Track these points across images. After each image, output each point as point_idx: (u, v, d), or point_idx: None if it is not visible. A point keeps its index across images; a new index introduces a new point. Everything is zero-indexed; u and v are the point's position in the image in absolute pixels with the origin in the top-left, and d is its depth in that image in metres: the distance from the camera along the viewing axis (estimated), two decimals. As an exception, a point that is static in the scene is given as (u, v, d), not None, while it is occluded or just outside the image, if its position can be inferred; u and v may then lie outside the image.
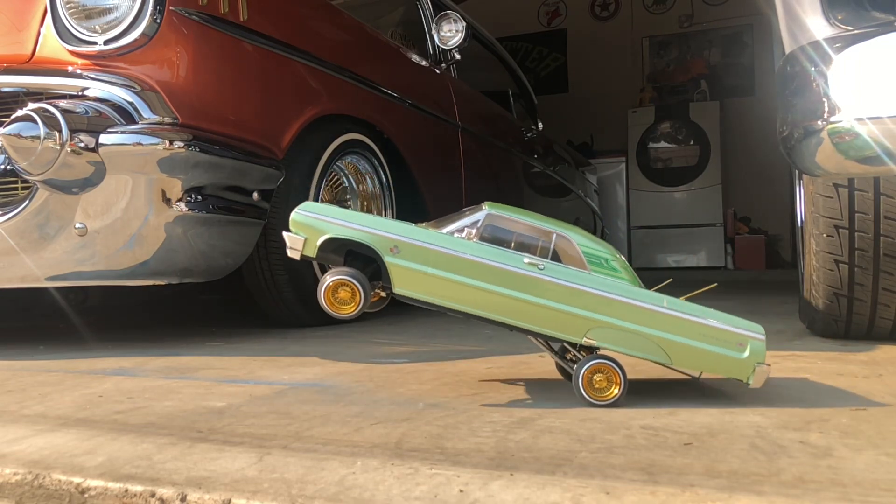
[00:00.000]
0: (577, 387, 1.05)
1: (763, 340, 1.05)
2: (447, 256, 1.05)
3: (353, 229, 1.07)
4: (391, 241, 1.06)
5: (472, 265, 1.05)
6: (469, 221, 1.09)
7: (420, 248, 1.06)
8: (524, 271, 1.05)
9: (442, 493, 0.70)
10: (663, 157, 7.05)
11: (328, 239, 1.07)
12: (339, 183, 2.44)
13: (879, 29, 1.18)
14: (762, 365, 1.04)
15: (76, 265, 1.71)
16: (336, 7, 2.50)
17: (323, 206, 1.11)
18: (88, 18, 1.72)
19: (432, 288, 1.06)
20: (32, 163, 1.58)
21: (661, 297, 1.06)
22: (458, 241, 1.07)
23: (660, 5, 7.90)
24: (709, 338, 1.04)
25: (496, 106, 3.82)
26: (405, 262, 1.06)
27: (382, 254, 1.06)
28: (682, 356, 1.04)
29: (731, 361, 1.04)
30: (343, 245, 1.09)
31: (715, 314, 1.06)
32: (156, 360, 1.66)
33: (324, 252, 1.09)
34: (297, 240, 1.08)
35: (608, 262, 1.08)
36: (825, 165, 1.25)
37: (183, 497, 0.72)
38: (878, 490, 0.68)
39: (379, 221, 1.09)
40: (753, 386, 1.04)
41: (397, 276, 1.06)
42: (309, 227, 1.08)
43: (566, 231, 1.09)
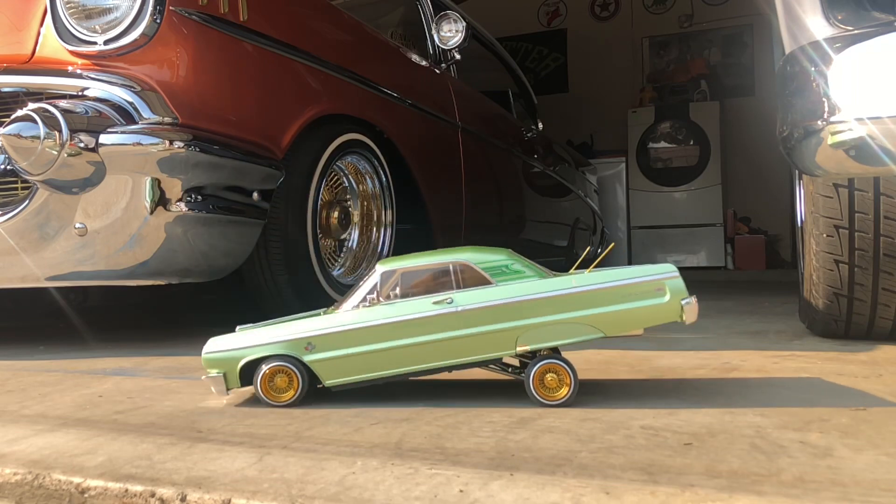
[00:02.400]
0: (528, 388, 1.06)
1: (678, 276, 1.06)
2: (359, 331, 1.07)
3: (262, 346, 1.10)
4: (302, 340, 1.09)
5: (385, 329, 1.07)
6: (368, 288, 1.10)
7: (331, 335, 1.08)
8: (436, 311, 1.06)
9: (442, 493, 0.70)
10: (663, 157, 7.05)
11: (245, 365, 1.10)
12: (339, 183, 2.44)
13: (879, 29, 1.18)
14: (687, 300, 1.05)
15: (76, 265, 1.71)
16: (336, 7, 2.50)
17: (226, 338, 1.13)
18: (88, 18, 1.72)
19: (359, 366, 1.08)
20: (32, 163, 1.58)
21: (568, 279, 1.07)
22: (363, 313, 1.08)
23: (660, 5, 7.90)
24: (627, 296, 1.05)
25: (496, 106, 3.82)
26: (323, 354, 1.08)
27: (300, 356, 1.08)
28: (612, 324, 1.05)
29: (658, 308, 1.05)
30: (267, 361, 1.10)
31: (622, 271, 1.07)
32: (156, 360, 1.66)
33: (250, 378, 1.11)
34: (218, 379, 1.11)
35: (509, 267, 1.09)
36: (825, 165, 1.25)
37: (183, 497, 0.72)
38: (878, 490, 0.68)
39: (285, 327, 1.11)
40: (688, 321, 1.05)
41: (322, 371, 1.09)
42: (221, 362, 1.11)
43: (459, 256, 1.10)
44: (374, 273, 1.11)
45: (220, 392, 1.11)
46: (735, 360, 1.49)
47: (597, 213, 5.89)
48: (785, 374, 1.30)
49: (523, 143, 4.05)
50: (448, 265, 1.09)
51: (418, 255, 1.13)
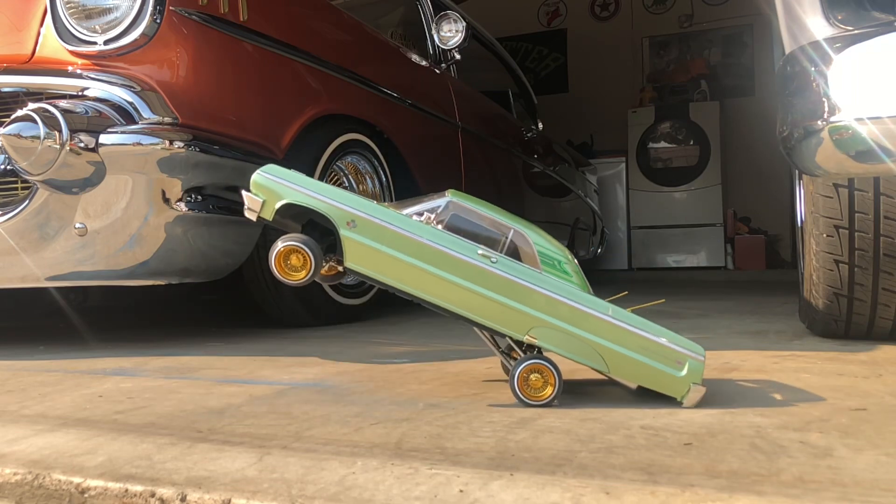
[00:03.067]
0: (512, 385, 1.05)
1: (702, 361, 1.05)
2: (402, 237, 1.05)
3: (311, 197, 1.06)
4: (349, 214, 1.06)
5: (425, 249, 1.05)
6: (430, 206, 1.09)
7: (376, 226, 1.06)
8: (476, 262, 1.05)
9: (442, 493, 0.70)
10: (663, 157, 7.05)
11: (286, 204, 1.07)
12: (340, 183, 2.44)
13: (879, 29, 1.18)
14: (697, 385, 1.04)
15: (76, 265, 1.71)
16: (336, 7, 2.50)
17: (287, 171, 1.09)
18: (88, 18, 1.72)
19: (384, 267, 1.06)
20: (32, 163, 1.58)
21: (606, 306, 1.06)
22: (415, 224, 1.07)
23: (660, 5, 7.89)
24: (648, 351, 1.04)
25: (496, 106, 3.82)
26: (360, 237, 1.05)
27: (338, 226, 1.05)
28: (619, 366, 1.05)
29: (668, 378, 1.04)
30: (301, 213, 1.08)
31: (658, 329, 1.06)
32: (156, 360, 1.66)
33: (282, 217, 1.08)
34: (256, 201, 1.07)
35: (561, 264, 1.09)
36: (825, 165, 1.25)
37: (183, 497, 0.72)
38: (878, 490, 0.68)
39: (339, 194, 1.08)
40: (686, 406, 1.04)
41: (350, 251, 1.05)
42: (268, 190, 1.07)
43: (524, 228, 1.09)
44: (444, 197, 1.10)
45: (250, 213, 1.07)
46: (735, 360, 1.49)
47: (597, 213, 5.89)
48: (785, 374, 1.30)
49: (523, 143, 4.05)
50: (510, 229, 1.09)
51: (489, 206, 1.12)
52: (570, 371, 1.37)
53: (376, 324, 2.40)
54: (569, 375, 1.33)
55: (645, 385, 1.06)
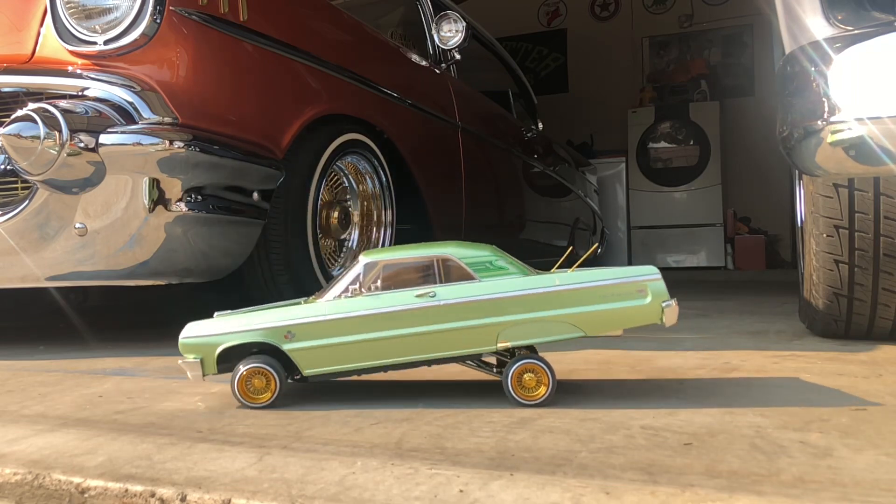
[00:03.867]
0: (506, 385, 1.06)
1: (660, 279, 1.06)
2: (340, 321, 1.07)
3: (241, 332, 1.09)
4: (282, 328, 1.08)
5: (367, 320, 1.06)
6: (350, 279, 1.10)
7: (311, 325, 1.07)
8: (418, 304, 1.06)
9: (442, 493, 0.70)
10: (663, 157, 7.05)
11: (223, 351, 1.09)
12: (339, 183, 2.44)
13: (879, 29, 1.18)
14: (668, 303, 1.05)
15: (76, 265, 1.71)
16: (336, 7, 2.50)
17: (205, 323, 1.12)
18: (88, 18, 1.72)
19: (339, 357, 1.07)
20: (32, 163, 1.58)
21: (552, 277, 1.07)
22: (344, 303, 1.08)
23: (660, 5, 7.89)
24: (609, 297, 1.05)
25: (496, 106, 3.82)
26: (303, 343, 1.07)
27: (279, 344, 1.07)
28: (593, 323, 1.06)
29: (639, 310, 1.05)
30: (244, 349, 1.10)
31: (605, 272, 1.07)
32: (156, 360, 1.66)
33: (226, 363, 1.10)
34: (194, 364, 1.10)
35: (493, 263, 1.09)
36: (825, 165, 1.25)
37: (183, 497, 0.72)
38: (878, 490, 0.68)
39: (265, 314, 1.10)
40: (668, 323, 1.05)
41: (301, 360, 1.08)
42: (198, 348, 1.10)
43: (444, 250, 1.10)
44: (358, 264, 1.10)
45: (195, 377, 1.10)
46: (735, 360, 1.49)
47: (597, 213, 5.89)
48: (785, 374, 1.30)
49: (523, 143, 4.05)
50: (432, 259, 1.09)
51: (402, 248, 1.13)
52: (568, 371, 1.37)
53: (376, 324, 2.40)
54: (568, 375, 1.33)
55: (624, 326, 1.07)
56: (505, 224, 3.75)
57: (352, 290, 1.08)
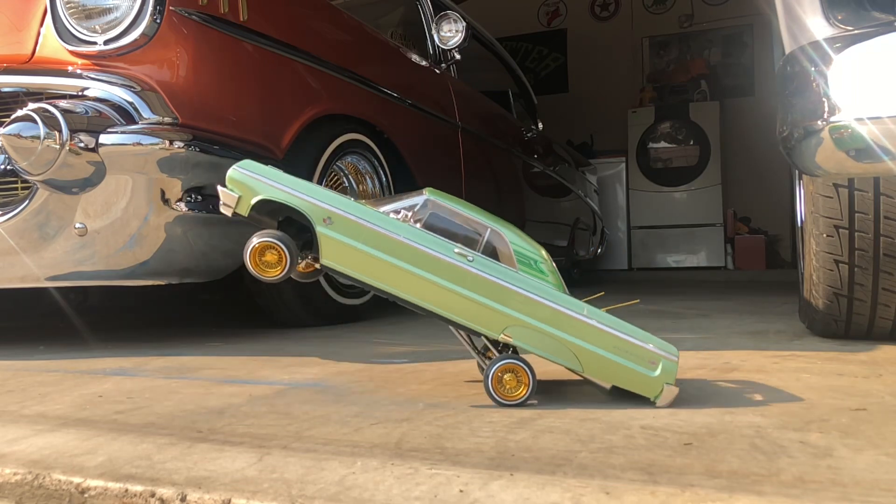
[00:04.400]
0: (486, 385, 1.05)
1: (675, 362, 1.05)
2: (378, 235, 1.05)
3: (287, 193, 1.06)
4: (325, 211, 1.05)
5: (401, 247, 1.05)
6: (407, 204, 1.09)
7: (352, 223, 1.05)
8: (452, 260, 1.05)
9: (442, 493, 0.70)
10: (663, 157, 7.05)
11: (262, 200, 1.06)
12: (340, 183, 2.44)
13: (879, 29, 1.18)
14: (671, 385, 1.04)
15: (76, 265, 1.71)
16: (336, 7, 2.50)
17: (264, 167, 1.09)
18: (88, 18, 1.72)
19: (360, 264, 1.05)
20: (32, 163, 1.58)
21: (581, 305, 1.06)
22: (392, 221, 1.06)
23: (660, 5, 7.90)
24: (622, 351, 1.04)
25: (496, 106, 3.82)
26: (336, 234, 1.05)
27: (314, 223, 1.05)
28: (593, 365, 1.05)
29: (641, 378, 1.04)
30: (278, 210, 1.08)
31: (631, 329, 1.06)
32: (156, 360, 1.66)
33: (258, 213, 1.08)
34: (231, 196, 1.07)
35: (537, 263, 1.09)
36: (825, 165, 1.25)
37: (183, 497, 0.72)
38: (878, 490, 0.68)
39: (316, 190, 1.08)
40: (659, 405, 1.04)
41: (326, 248, 1.05)
42: (244, 186, 1.07)
43: (501, 227, 1.10)
44: (421, 196, 1.10)
45: (225, 209, 1.07)
46: (735, 360, 1.49)
47: (597, 213, 5.89)
48: (785, 374, 1.30)
49: (523, 143, 4.05)
50: (487, 228, 1.09)
51: (467, 205, 1.12)
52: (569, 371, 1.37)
53: (376, 324, 2.40)
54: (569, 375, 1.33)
55: (618, 385, 1.06)
56: (505, 224, 3.75)
57: (403, 214, 1.08)
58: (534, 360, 1.06)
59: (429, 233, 1.07)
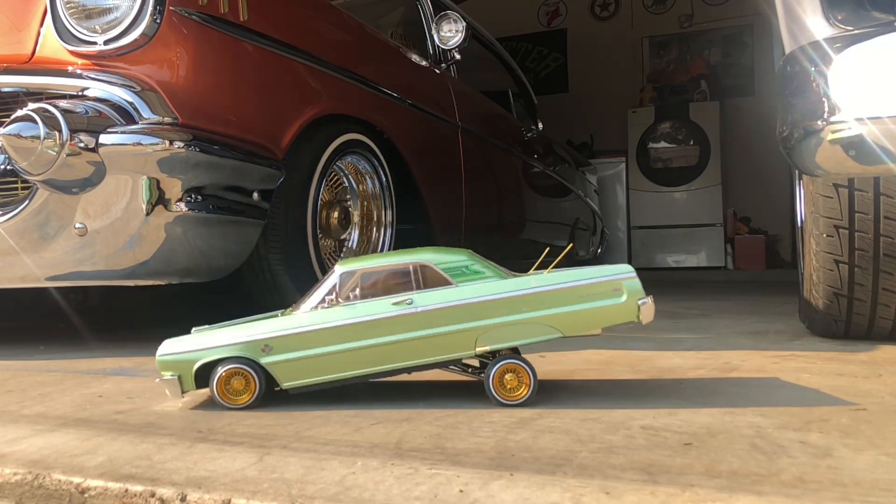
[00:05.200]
0: (487, 386, 1.06)
1: (635, 277, 1.06)
2: (317, 332, 1.06)
3: (218, 348, 1.08)
4: (259, 342, 1.07)
5: (344, 330, 1.06)
6: (327, 289, 1.10)
7: (289, 337, 1.07)
8: (396, 312, 1.06)
9: (442, 493, 0.70)
10: (663, 157, 7.05)
11: (201, 367, 1.08)
12: (339, 183, 2.44)
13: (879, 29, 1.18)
14: (644, 300, 1.05)
15: (76, 265, 1.71)
16: (336, 7, 2.50)
17: (181, 340, 1.11)
18: (88, 18, 1.72)
19: (317, 368, 1.07)
20: (32, 163, 1.58)
21: (527, 279, 1.07)
22: (321, 314, 1.07)
23: (660, 5, 7.90)
24: (585, 297, 1.05)
25: (496, 106, 3.82)
26: (281, 356, 1.07)
27: (257, 358, 1.07)
28: (570, 323, 1.06)
29: (616, 309, 1.05)
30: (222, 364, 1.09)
31: (580, 272, 1.07)
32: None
33: (205, 380, 1.10)
34: (172, 381, 1.09)
35: (469, 267, 1.09)
36: (825, 165, 1.25)
37: (183, 497, 0.72)
38: (878, 490, 0.68)
39: (241, 329, 1.09)
40: (644, 321, 1.05)
41: (280, 373, 1.08)
42: (176, 365, 1.09)
43: (419, 256, 1.10)
44: (333, 274, 1.10)
45: (174, 395, 1.10)
46: (735, 360, 1.49)
47: (597, 213, 5.89)
48: (785, 374, 1.30)
49: (523, 143, 4.05)
50: (408, 266, 1.09)
51: (378, 256, 1.13)
52: (569, 371, 1.37)
53: (376, 324, 2.40)
54: (568, 375, 1.33)
55: (602, 325, 1.07)
56: (505, 224, 3.75)
57: (328, 301, 1.08)
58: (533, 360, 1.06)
59: (359, 302, 1.07)
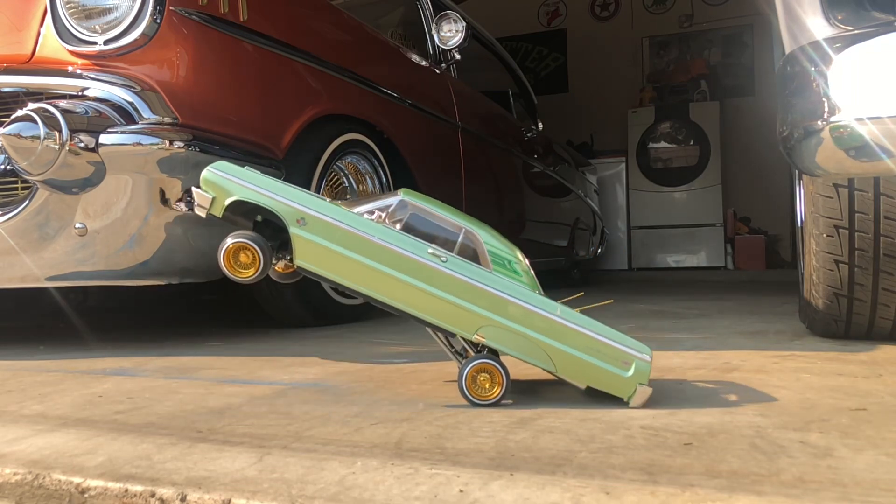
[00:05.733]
0: (460, 385, 1.06)
1: (648, 362, 1.05)
2: (352, 235, 1.05)
3: (260, 194, 1.06)
4: (298, 212, 1.05)
5: (375, 248, 1.05)
6: (381, 204, 1.09)
7: (326, 224, 1.05)
8: (426, 261, 1.05)
9: (442, 493, 0.70)
10: (663, 157, 7.05)
11: (236, 201, 1.06)
12: (340, 183, 2.44)
13: (879, 29, 1.18)
14: (644, 386, 1.04)
15: (76, 265, 1.71)
16: (336, 7, 2.50)
17: (238, 168, 1.09)
18: (88, 18, 1.72)
19: (334, 265, 1.06)
20: (32, 163, 1.58)
21: (555, 306, 1.06)
22: (366, 222, 1.06)
23: (660, 5, 7.90)
24: (595, 351, 1.04)
25: (496, 106, 3.82)
26: (310, 235, 1.05)
27: (288, 224, 1.05)
28: (567, 366, 1.05)
29: (615, 378, 1.04)
30: (252, 211, 1.08)
31: (604, 329, 1.06)
32: (156, 360, 1.66)
33: (232, 214, 1.08)
34: (206, 197, 1.07)
35: (511, 263, 1.09)
36: (825, 165, 1.25)
37: (183, 497, 0.72)
38: (878, 490, 0.68)
39: (290, 191, 1.08)
40: (632, 405, 1.04)
41: (300, 249, 1.05)
42: (218, 187, 1.07)
43: (475, 228, 1.10)
44: (395, 196, 1.10)
45: (199, 212, 1.08)
46: (735, 360, 1.49)
47: (597, 213, 5.89)
48: (785, 374, 1.30)
49: (523, 143, 4.05)
50: (461, 228, 1.09)
51: (441, 205, 1.12)
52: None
53: (376, 324, 2.40)
54: (569, 375, 1.32)
55: (592, 385, 1.06)
56: (505, 224, 3.75)
57: (378, 215, 1.08)
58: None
59: (402, 233, 1.07)
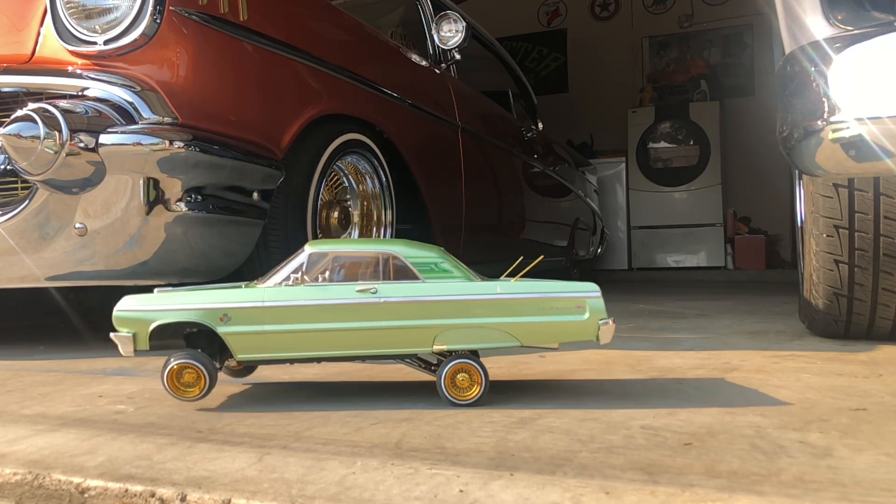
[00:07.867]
0: (439, 386, 1.06)
1: (599, 297, 1.06)
2: (278, 310, 1.05)
3: (176, 311, 1.07)
4: (218, 310, 1.06)
5: (305, 310, 1.05)
6: (294, 267, 1.09)
7: (248, 310, 1.06)
8: (357, 300, 1.05)
9: (442, 493, 0.70)
10: (663, 157, 7.05)
11: (156, 328, 1.07)
12: (339, 183, 2.44)
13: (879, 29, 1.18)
14: (605, 321, 1.05)
15: (76, 265, 1.71)
16: (336, 7, 2.50)
17: (142, 298, 1.10)
18: (88, 18, 1.72)
19: (275, 344, 1.06)
20: (32, 163, 1.58)
21: (493, 285, 1.07)
22: (285, 291, 1.06)
23: (660, 5, 7.90)
24: (547, 310, 1.05)
25: (496, 106, 3.82)
26: (238, 327, 1.06)
27: (214, 326, 1.06)
28: (529, 334, 1.06)
29: (576, 325, 1.05)
30: (178, 329, 1.08)
31: (546, 285, 1.07)
32: (156, 360, 1.66)
33: (161, 340, 1.08)
34: (126, 338, 1.08)
35: (438, 265, 1.09)
36: (825, 165, 1.25)
37: (183, 497, 0.72)
38: (878, 490, 0.68)
39: (203, 294, 1.08)
40: (602, 341, 1.05)
41: (235, 344, 1.06)
42: (133, 322, 1.08)
43: (391, 247, 1.10)
44: (303, 253, 1.09)
45: (126, 352, 1.08)
46: (735, 360, 1.49)
47: (597, 213, 5.89)
48: (785, 374, 1.30)
49: (523, 143, 4.05)
50: (378, 255, 1.09)
51: (350, 241, 1.13)
52: (569, 371, 1.37)
53: (376, 324, 2.40)
54: (568, 375, 1.33)
55: (560, 340, 1.07)
56: (505, 224, 3.75)
57: (293, 279, 1.07)
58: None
59: (323, 284, 1.07)
